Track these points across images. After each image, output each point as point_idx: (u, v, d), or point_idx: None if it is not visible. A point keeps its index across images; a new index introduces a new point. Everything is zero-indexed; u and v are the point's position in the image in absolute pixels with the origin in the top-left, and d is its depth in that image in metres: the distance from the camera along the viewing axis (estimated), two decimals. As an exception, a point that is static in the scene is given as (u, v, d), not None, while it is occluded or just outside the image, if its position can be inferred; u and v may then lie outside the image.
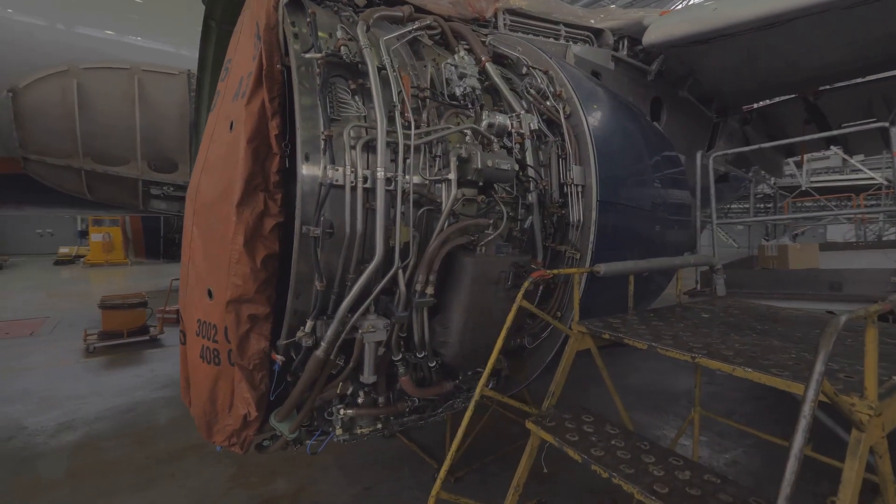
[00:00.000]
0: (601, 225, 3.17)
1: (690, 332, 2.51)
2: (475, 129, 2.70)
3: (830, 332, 1.35)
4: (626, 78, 5.48)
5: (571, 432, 2.36)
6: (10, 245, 23.32)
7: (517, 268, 2.82)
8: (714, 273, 3.71)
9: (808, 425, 1.26)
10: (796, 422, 1.28)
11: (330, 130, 2.26)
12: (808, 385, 1.30)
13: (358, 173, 2.28)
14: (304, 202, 2.21)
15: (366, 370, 2.47)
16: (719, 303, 3.38)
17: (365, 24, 2.58)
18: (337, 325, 2.32)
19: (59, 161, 6.36)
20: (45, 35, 6.11)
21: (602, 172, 3.18)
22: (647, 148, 3.87)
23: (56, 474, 4.47)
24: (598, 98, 3.65)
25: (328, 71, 2.35)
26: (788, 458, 1.23)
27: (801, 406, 1.29)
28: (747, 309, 3.13)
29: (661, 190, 3.87)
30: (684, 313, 3.05)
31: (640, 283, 3.70)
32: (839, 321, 1.38)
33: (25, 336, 8.87)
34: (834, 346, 2.16)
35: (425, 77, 2.80)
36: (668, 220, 3.99)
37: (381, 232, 2.30)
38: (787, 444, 1.30)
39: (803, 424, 1.25)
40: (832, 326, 1.36)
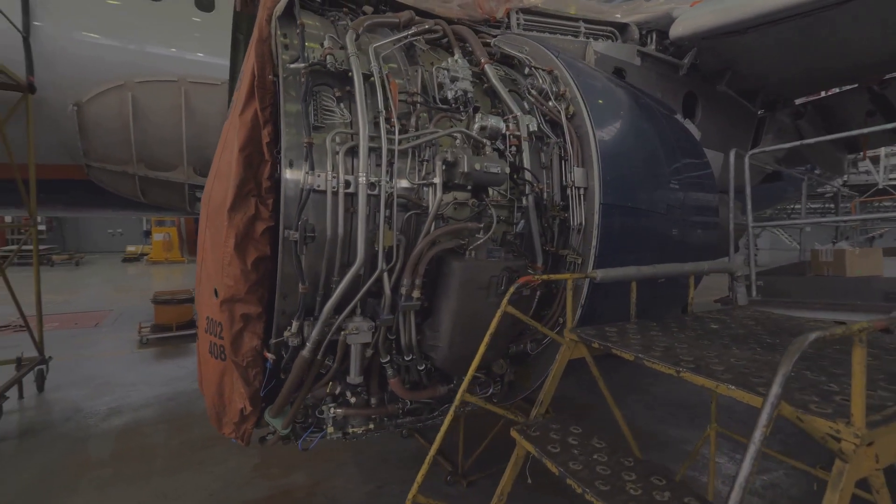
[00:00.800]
0: (605, 229, 3.05)
1: (688, 344, 2.36)
2: (463, 132, 2.69)
3: (793, 350, 1.23)
4: (655, 73, 5.23)
5: (554, 443, 2.30)
6: (86, 244, 25.79)
7: (510, 272, 2.77)
8: (734, 281, 3.45)
9: (756, 452, 1.15)
10: (745, 449, 1.18)
11: (310, 138, 2.33)
12: (763, 409, 1.19)
13: (339, 178, 2.34)
14: (287, 207, 2.30)
15: (352, 371, 2.52)
16: (738, 313, 3.14)
17: (354, 33, 2.64)
18: (321, 326, 2.39)
19: (117, 167, 6.94)
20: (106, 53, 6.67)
21: (607, 174, 3.06)
22: (666, 147, 3.68)
23: (102, 455, 4.89)
24: (608, 97, 3.52)
25: (313, 80, 2.43)
26: (733, 489, 1.14)
27: (752, 432, 1.18)
28: (765, 320, 2.90)
29: (680, 192, 3.66)
30: (692, 323, 2.87)
31: (656, 290, 3.53)
32: (804, 340, 1.25)
33: (91, 327, 9.77)
34: (848, 364, 1.97)
35: (416, 82, 2.81)
36: (690, 224, 3.78)
37: (362, 235, 2.34)
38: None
39: (752, 451, 1.15)
40: (796, 345, 1.24)
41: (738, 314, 3.07)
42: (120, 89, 6.66)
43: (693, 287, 3.16)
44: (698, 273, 3.13)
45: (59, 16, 6.28)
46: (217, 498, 4.27)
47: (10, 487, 4.28)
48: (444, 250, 2.63)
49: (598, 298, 3.17)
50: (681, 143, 4.01)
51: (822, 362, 2.07)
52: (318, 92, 2.47)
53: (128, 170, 6.98)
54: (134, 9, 6.76)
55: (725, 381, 1.81)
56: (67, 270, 20.89)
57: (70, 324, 9.86)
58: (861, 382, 1.41)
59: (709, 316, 3.07)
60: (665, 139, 3.73)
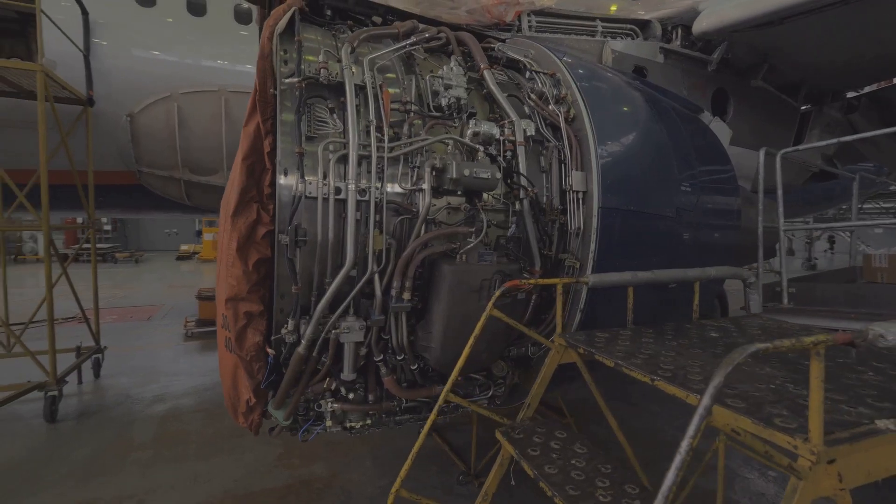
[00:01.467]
0: (605, 233, 3.01)
1: (676, 353, 2.31)
2: (453, 138, 2.75)
3: (727, 363, 1.21)
4: (680, 71, 5.05)
5: (535, 446, 2.32)
6: (146, 243, 27.89)
7: (504, 276, 2.81)
8: (747, 287, 3.29)
9: (682, 463, 1.14)
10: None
11: (301, 147, 2.47)
12: (692, 420, 1.18)
13: (330, 185, 2.47)
14: (281, 212, 2.46)
15: (345, 368, 2.65)
16: (747, 321, 3.00)
17: (350, 46, 2.76)
18: (315, 324, 2.54)
19: (164, 172, 7.49)
20: (155, 67, 7.21)
21: (606, 177, 3.02)
22: (679, 148, 3.57)
23: (144, 439, 5.32)
24: (615, 98, 3.46)
25: (308, 92, 2.57)
26: (656, 498, 1.14)
27: (681, 441, 1.18)
28: (774, 329, 2.76)
29: (693, 194, 3.54)
30: (692, 331, 2.78)
31: (667, 296, 3.44)
32: (742, 352, 1.22)
33: (144, 320, 10.59)
34: (842, 378, 1.88)
35: (411, 90, 2.90)
36: (706, 227, 3.64)
37: (351, 239, 2.46)
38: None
39: (677, 462, 1.15)
40: (732, 356, 1.22)
41: (747, 323, 2.94)
42: (167, 100, 7.19)
43: (698, 293, 3.06)
44: (703, 279, 3.02)
45: (114, 34, 6.86)
46: (241, 484, 4.55)
47: (65, 464, 4.74)
48: (435, 254, 2.70)
49: (600, 303, 3.14)
50: (698, 143, 3.87)
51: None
52: (313, 104, 2.62)
53: (174, 174, 7.52)
54: (179, 24, 7.28)
55: (697, 391, 1.77)
56: (128, 267, 22.63)
57: (126, 317, 10.72)
58: (818, 397, 1.35)
59: (713, 324, 2.96)
60: (678, 140, 3.62)
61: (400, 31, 3.12)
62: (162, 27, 7.18)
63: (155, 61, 7.22)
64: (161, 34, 7.16)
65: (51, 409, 5.51)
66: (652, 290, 3.33)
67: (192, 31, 7.37)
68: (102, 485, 4.43)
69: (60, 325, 9.13)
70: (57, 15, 6.28)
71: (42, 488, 4.33)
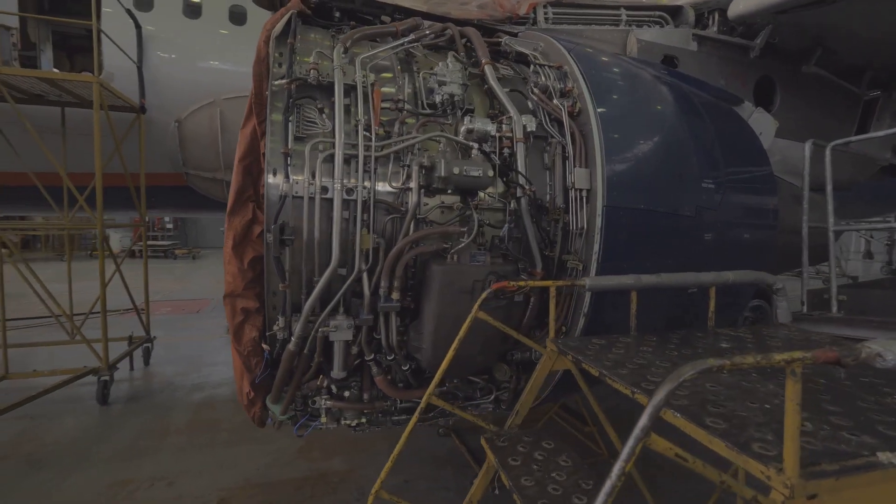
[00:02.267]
0: (610, 233, 2.84)
1: (671, 363, 2.13)
2: (444, 136, 2.69)
3: (670, 381, 1.08)
4: (717, 59, 4.69)
5: (518, 456, 2.22)
6: (203, 240, 29.79)
7: (498, 278, 2.71)
8: (773, 294, 2.97)
9: (612, 488, 1.03)
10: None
11: (287, 148, 2.51)
12: (626, 443, 1.06)
13: (317, 184, 2.49)
14: (270, 211, 2.51)
15: (335, 366, 2.67)
16: (769, 332, 2.71)
17: (343, 46, 2.77)
18: (304, 322, 2.57)
19: (208, 174, 7.93)
20: (200, 75, 7.64)
21: (612, 174, 2.85)
22: (702, 142, 3.31)
23: (180, 424, 5.66)
24: (627, 91, 3.25)
25: (299, 93, 2.61)
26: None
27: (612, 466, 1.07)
28: (798, 341, 2.47)
29: (717, 192, 3.26)
30: (700, 340, 2.55)
31: (689, 301, 3.20)
32: (684, 370, 1.08)
33: (193, 313, 11.31)
34: (858, 399, 1.67)
35: (405, 88, 2.86)
36: (733, 227, 3.35)
37: (336, 238, 2.47)
38: None
39: (606, 487, 1.04)
40: (680, 372, 1.08)
41: (768, 333, 2.66)
42: (211, 106, 7.60)
43: (713, 299, 2.80)
44: (719, 284, 2.77)
45: (164, 46, 7.34)
46: (261, 472, 4.73)
47: (111, 444, 5.14)
48: (426, 253, 2.66)
49: (608, 308, 2.96)
50: (728, 137, 3.56)
51: (834, 394, 1.74)
52: (302, 105, 2.65)
53: (217, 176, 7.94)
54: (222, 33, 7.68)
55: (675, 408, 1.61)
56: (186, 263, 24.22)
57: (179, 309, 11.50)
58: (794, 423, 1.19)
59: (730, 333, 2.70)
60: (702, 134, 3.35)
61: (398, 30, 3.09)
62: (206, 37, 7.60)
63: (200, 69, 7.65)
64: (206, 43, 7.58)
65: (102, 392, 5.99)
66: (669, 295, 3.11)
67: (234, 40, 7.75)
68: (139, 466, 4.76)
69: (121, 316, 9.94)
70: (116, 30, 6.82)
71: (89, 465, 4.72)
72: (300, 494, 4.49)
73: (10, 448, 5.01)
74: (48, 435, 5.32)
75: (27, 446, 5.10)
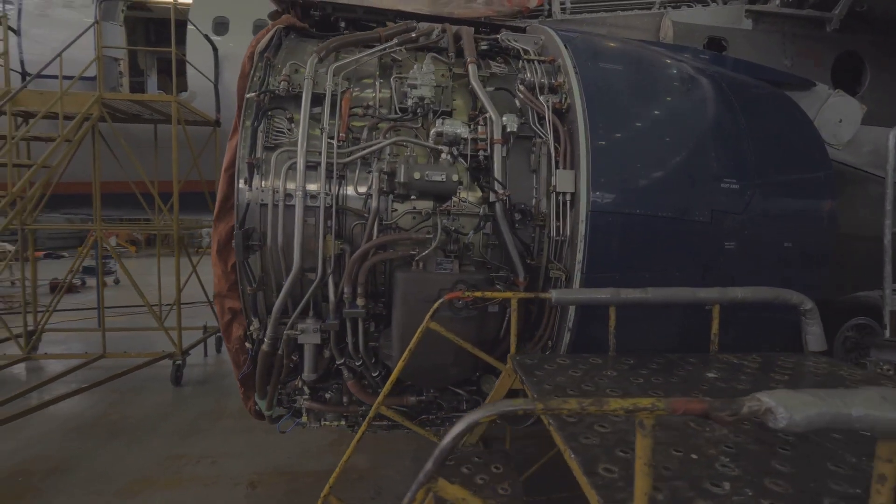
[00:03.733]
0: (596, 241, 2.57)
1: (624, 392, 1.86)
2: (409, 141, 2.62)
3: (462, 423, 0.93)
4: (780, 36, 4.04)
5: (458, 477, 2.10)
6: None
7: (467, 286, 2.59)
8: (803, 317, 2.41)
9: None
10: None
11: (252, 157, 2.62)
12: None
13: (280, 191, 2.57)
14: (238, 217, 2.64)
15: (306, 368, 2.74)
16: (785, 362, 2.22)
17: (317, 56, 2.81)
18: (273, 324, 2.67)
19: (275, 180, 8.54)
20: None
21: (600, 174, 2.57)
22: (724, 137, 2.87)
23: (234, 408, 6.21)
24: (632, 81, 2.92)
25: (270, 104, 2.71)
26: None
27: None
28: (821, 375, 2.01)
29: (743, 193, 2.80)
30: (683, 367, 2.18)
31: (706, 319, 2.79)
32: (477, 413, 0.92)
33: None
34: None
35: (377, 94, 2.83)
36: (764, 234, 2.86)
37: (298, 244, 2.53)
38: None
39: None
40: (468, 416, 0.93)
41: (782, 363, 2.19)
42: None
43: (717, 319, 2.38)
44: (723, 301, 2.35)
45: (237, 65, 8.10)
46: (291, 461, 5.02)
47: (174, 421, 5.81)
48: (395, 260, 2.63)
49: (595, 323, 2.68)
50: (768, 129, 3.04)
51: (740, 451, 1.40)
52: (273, 115, 2.75)
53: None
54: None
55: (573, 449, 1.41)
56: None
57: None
58: (643, 483, 0.97)
59: (729, 360, 2.28)
60: (727, 127, 2.90)
61: (382, 35, 3.08)
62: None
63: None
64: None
65: (175, 374, 6.78)
66: (680, 312, 2.73)
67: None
68: (193, 443, 5.32)
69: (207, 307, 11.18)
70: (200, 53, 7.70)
71: (154, 438, 5.38)
72: (320, 486, 4.68)
73: (100, 417, 5.88)
74: (129, 408, 6.15)
75: (113, 416, 5.94)
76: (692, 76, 3.02)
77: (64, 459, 4.89)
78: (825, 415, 0.91)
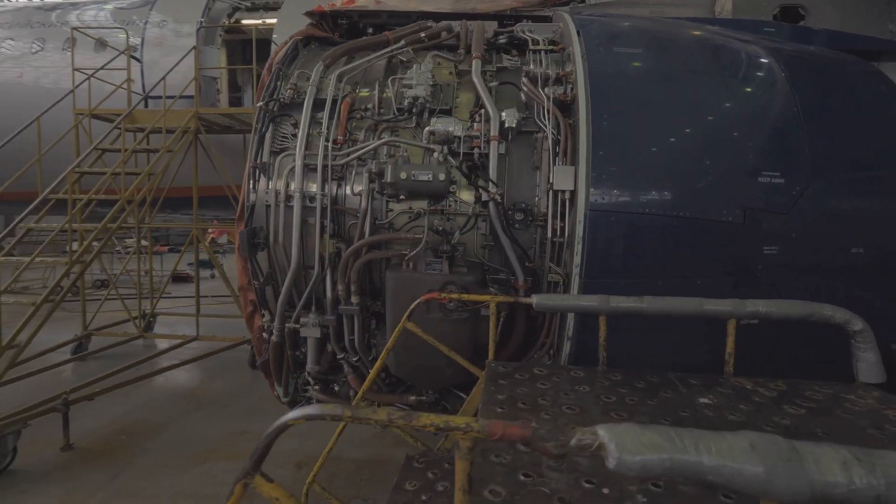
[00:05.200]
0: (597, 243, 2.34)
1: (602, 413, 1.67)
2: (400, 141, 2.62)
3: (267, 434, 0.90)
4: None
5: (420, 481, 2.07)
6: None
7: (458, 287, 2.52)
8: (853, 340, 1.89)
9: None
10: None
11: (255, 162, 2.79)
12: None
13: (281, 193, 2.72)
14: (245, 218, 2.85)
15: (308, 360, 2.88)
16: (819, 392, 1.78)
17: (322, 64, 2.92)
18: (279, 316, 2.84)
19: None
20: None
21: (602, 170, 2.34)
22: (769, 123, 2.45)
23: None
24: (653, 65, 2.60)
25: (279, 112, 2.88)
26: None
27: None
28: (854, 413, 1.59)
29: (792, 189, 2.36)
30: (681, 388, 1.87)
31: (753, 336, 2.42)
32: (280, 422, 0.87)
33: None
34: None
35: (376, 97, 2.85)
36: (819, 238, 2.39)
37: (296, 242, 2.66)
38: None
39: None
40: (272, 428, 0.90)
41: (814, 394, 1.78)
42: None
43: (732, 336, 2.00)
44: (738, 316, 1.97)
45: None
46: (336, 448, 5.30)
47: (243, 402, 6.45)
48: (387, 259, 2.66)
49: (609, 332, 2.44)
50: (835, 111, 2.52)
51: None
52: (280, 122, 2.92)
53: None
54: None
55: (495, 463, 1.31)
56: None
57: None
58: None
59: (737, 385, 1.90)
60: (775, 112, 2.46)
61: (390, 37, 3.10)
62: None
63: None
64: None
65: (252, 358, 7.50)
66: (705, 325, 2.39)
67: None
68: (257, 422, 5.86)
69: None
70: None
71: (225, 415, 6.03)
72: (358, 475, 4.88)
73: (191, 390, 6.75)
74: (212, 385, 6.95)
75: (199, 391, 6.77)
76: (732, 52, 2.61)
77: (157, 424, 5.66)
78: (666, 461, 0.74)
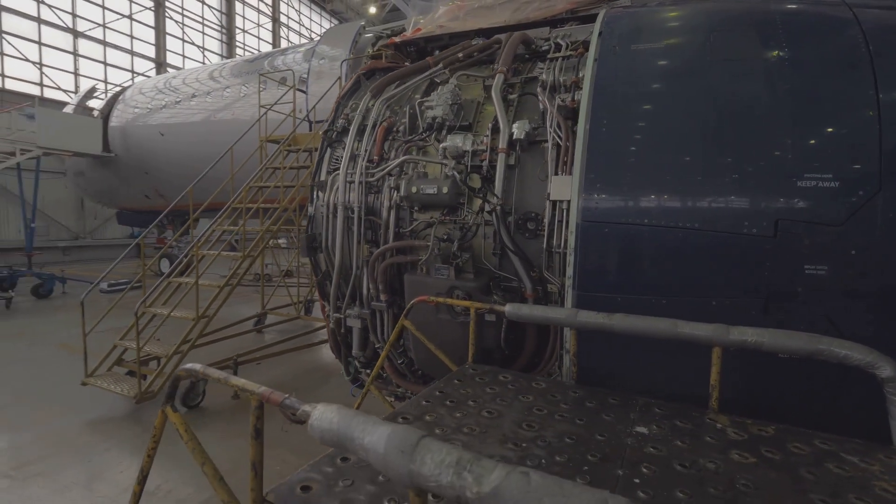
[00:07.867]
0: (590, 256, 2.24)
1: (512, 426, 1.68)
2: (417, 158, 2.85)
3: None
4: None
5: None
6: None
7: (464, 293, 2.68)
8: (884, 389, 1.34)
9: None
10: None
11: (315, 180, 3.31)
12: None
13: (328, 205, 3.21)
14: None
15: (354, 345, 3.34)
16: (821, 446, 1.37)
17: (369, 94, 3.31)
18: (332, 307, 3.36)
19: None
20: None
21: (596, 178, 2.22)
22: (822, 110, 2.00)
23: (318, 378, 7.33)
24: (677, 55, 2.31)
25: (337, 137, 3.38)
26: None
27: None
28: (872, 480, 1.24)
29: (845, 195, 1.88)
30: (646, 415, 1.67)
31: (786, 370, 2.09)
32: None
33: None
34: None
35: (406, 118, 3.08)
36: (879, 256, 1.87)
37: (338, 246, 3.14)
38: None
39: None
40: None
41: (808, 448, 1.40)
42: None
43: (717, 365, 1.66)
44: (721, 343, 1.65)
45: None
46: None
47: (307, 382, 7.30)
48: (406, 263, 2.95)
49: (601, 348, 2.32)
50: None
51: None
52: (336, 146, 3.41)
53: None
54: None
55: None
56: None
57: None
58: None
59: (706, 422, 1.59)
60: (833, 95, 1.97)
61: (431, 61, 3.32)
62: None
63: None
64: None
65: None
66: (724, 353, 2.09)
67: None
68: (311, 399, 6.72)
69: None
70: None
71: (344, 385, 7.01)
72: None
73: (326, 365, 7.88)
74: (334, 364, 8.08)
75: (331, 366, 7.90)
76: (787, 22, 2.15)
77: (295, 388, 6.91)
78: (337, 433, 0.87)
